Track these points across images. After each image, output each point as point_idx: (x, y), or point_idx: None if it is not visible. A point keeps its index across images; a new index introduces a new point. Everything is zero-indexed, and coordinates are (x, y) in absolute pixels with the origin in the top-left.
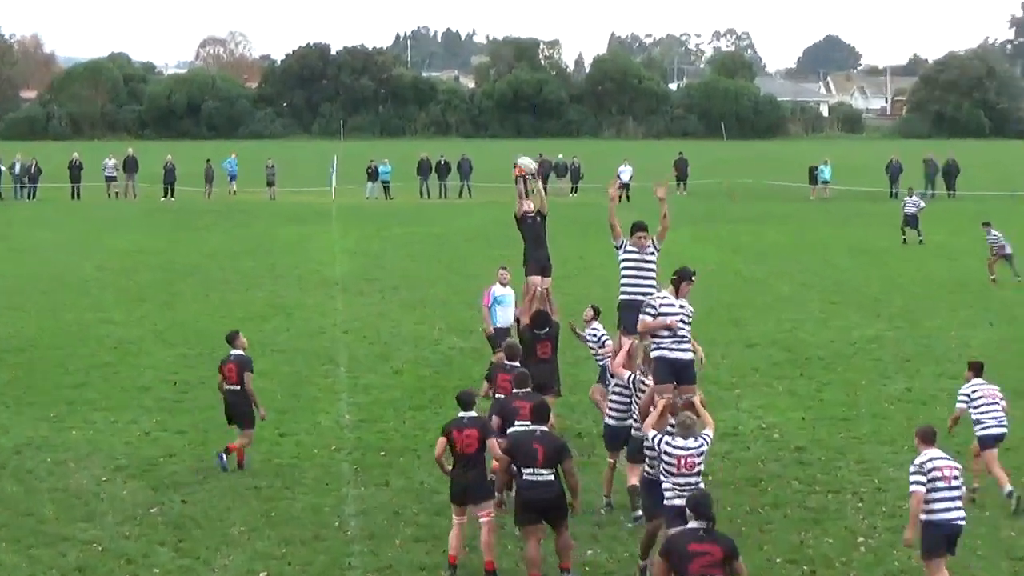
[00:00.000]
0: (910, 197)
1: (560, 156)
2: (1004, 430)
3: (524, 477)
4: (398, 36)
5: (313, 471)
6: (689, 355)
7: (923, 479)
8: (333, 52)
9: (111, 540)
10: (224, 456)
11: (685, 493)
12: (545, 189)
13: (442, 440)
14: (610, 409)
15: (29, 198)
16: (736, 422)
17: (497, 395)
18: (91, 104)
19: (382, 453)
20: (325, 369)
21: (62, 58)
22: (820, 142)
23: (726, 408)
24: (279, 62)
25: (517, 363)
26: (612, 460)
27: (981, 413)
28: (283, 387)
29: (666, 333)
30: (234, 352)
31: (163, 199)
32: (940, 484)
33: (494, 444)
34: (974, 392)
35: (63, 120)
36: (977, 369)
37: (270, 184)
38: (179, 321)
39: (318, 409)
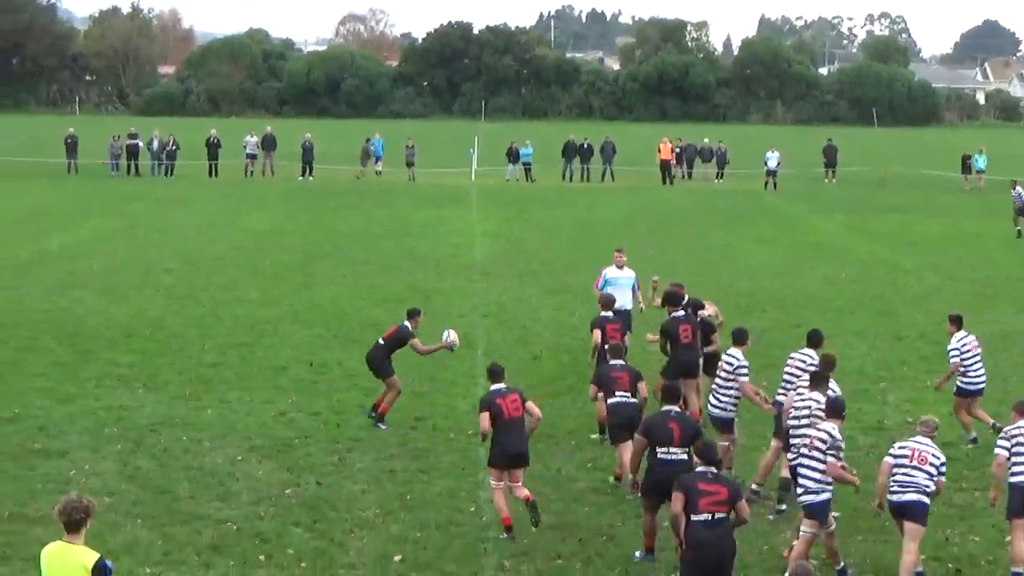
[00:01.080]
0: (1013, 189)
1: (706, 141)
2: (984, 384)
3: (658, 456)
4: (541, 15)
5: (449, 456)
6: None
7: (1007, 444)
8: (475, 31)
9: (246, 519)
10: (374, 416)
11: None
12: (690, 174)
13: (485, 414)
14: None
15: (167, 175)
16: (882, 415)
17: (607, 345)
18: (229, 80)
19: None
20: (463, 353)
21: (200, 34)
22: (975, 130)
23: (871, 401)
24: (420, 40)
25: (611, 314)
26: (777, 445)
27: (968, 366)
28: (420, 371)
29: None
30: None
31: (301, 178)
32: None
33: (533, 406)
34: (963, 346)
35: (201, 96)
36: (958, 322)
37: (409, 165)
38: (315, 302)
39: (455, 393)
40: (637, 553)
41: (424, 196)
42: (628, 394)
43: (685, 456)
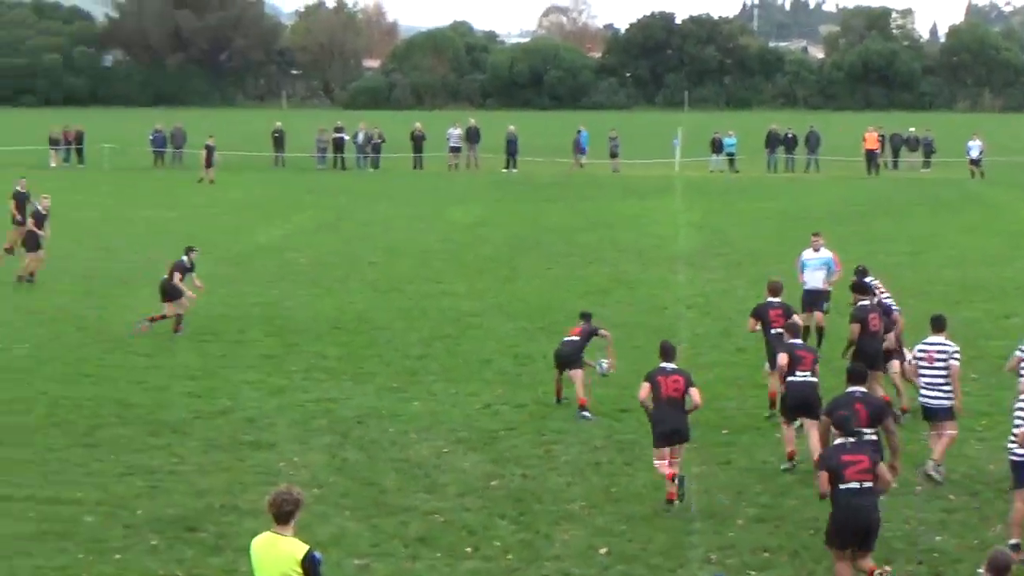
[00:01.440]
0: None
1: (912, 130)
2: None
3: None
4: (744, 5)
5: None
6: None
7: None
8: (678, 21)
9: (452, 511)
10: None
11: None
12: (895, 163)
13: (646, 385)
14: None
15: (372, 168)
16: None
17: (772, 329)
18: (433, 74)
19: (724, 431)
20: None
21: (404, 27)
22: None
23: None
24: (622, 31)
25: (778, 299)
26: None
27: None
28: (628, 363)
29: None
30: None
31: (504, 170)
32: None
33: (696, 392)
34: None
35: (405, 89)
36: None
37: (613, 156)
38: (520, 295)
39: None
40: None
41: (627, 187)
42: (809, 373)
43: (875, 436)
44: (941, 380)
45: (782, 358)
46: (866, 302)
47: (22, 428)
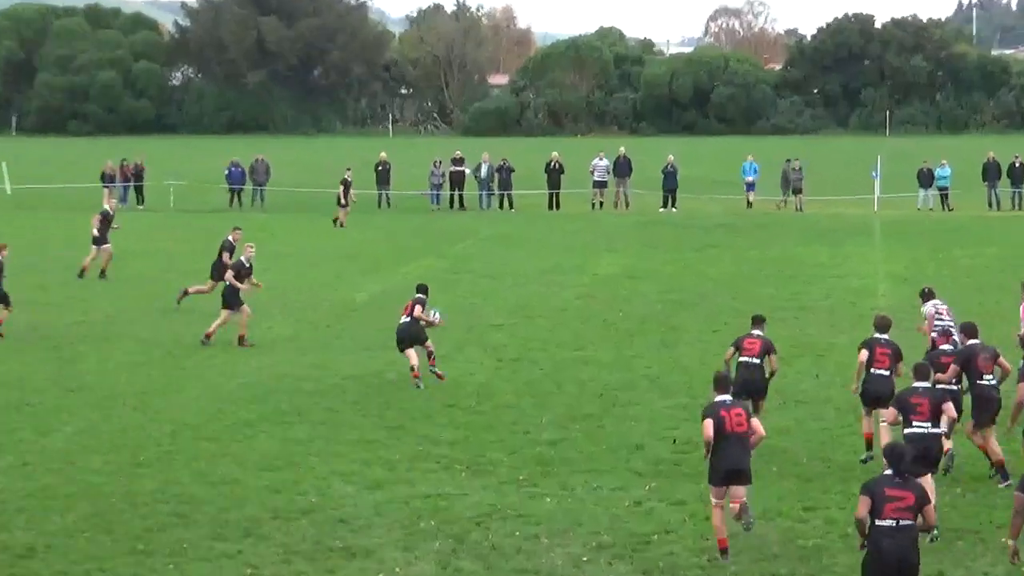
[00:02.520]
0: None
1: None
2: None
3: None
4: (960, 5)
5: (846, 555)
6: None
7: None
8: (878, 25)
9: None
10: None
11: None
12: None
13: (709, 421)
14: None
15: (500, 208)
16: None
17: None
18: (574, 92)
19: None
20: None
21: (540, 35)
22: None
23: None
24: (808, 38)
25: (883, 336)
26: None
27: None
28: (808, 447)
29: None
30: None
31: (662, 209)
32: None
33: (758, 423)
34: None
35: (540, 111)
36: None
37: (796, 192)
38: (679, 363)
39: (851, 477)
40: None
41: (813, 229)
42: (928, 425)
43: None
44: None
45: (891, 413)
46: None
47: (60, 531)
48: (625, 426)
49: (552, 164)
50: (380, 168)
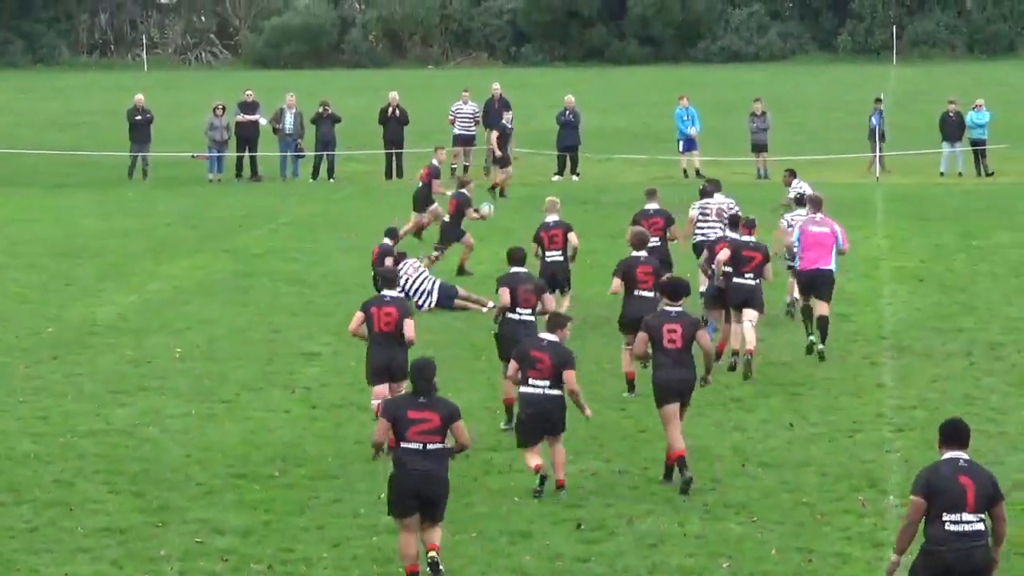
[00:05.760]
0: None
1: None
2: None
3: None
4: None
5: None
6: None
7: None
8: None
9: None
10: None
11: None
12: None
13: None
14: None
15: (313, 176)
16: None
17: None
18: (420, 3)
19: None
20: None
21: None
22: None
23: None
24: None
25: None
26: None
27: None
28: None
29: None
30: None
31: (557, 177)
32: None
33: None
34: None
35: (370, 29)
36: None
37: (756, 149)
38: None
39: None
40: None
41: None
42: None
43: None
44: None
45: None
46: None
47: None
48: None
49: (390, 110)
50: (137, 119)
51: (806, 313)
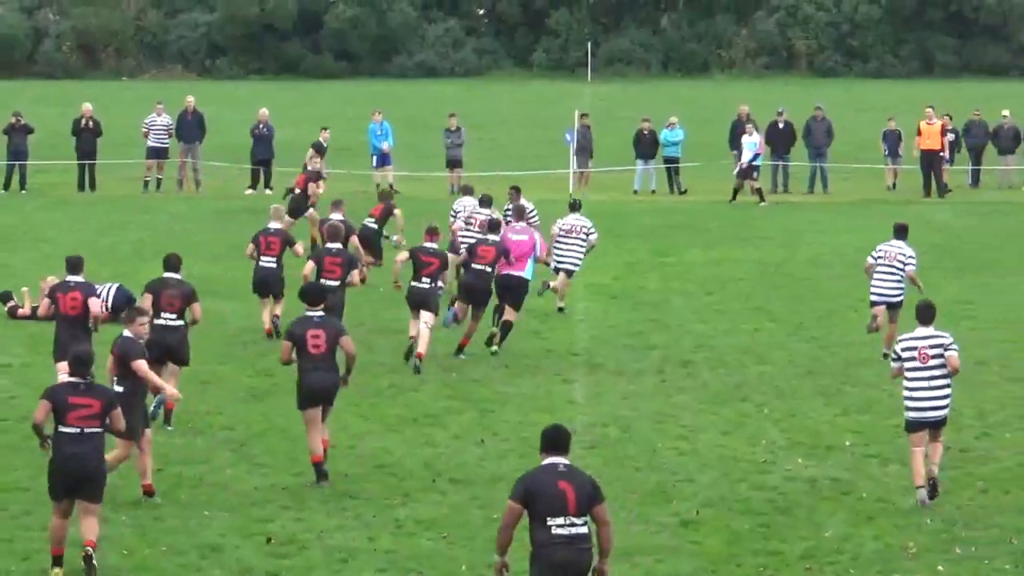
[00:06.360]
0: None
1: (1005, 115)
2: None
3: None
4: None
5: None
6: None
7: None
8: None
9: None
10: None
11: None
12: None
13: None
14: None
15: (4, 188)
16: None
17: None
18: (116, 11)
19: None
20: None
21: None
22: None
23: None
24: None
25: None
26: None
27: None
28: None
29: None
30: None
31: (250, 191)
32: None
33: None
34: None
35: (64, 40)
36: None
37: (452, 165)
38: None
39: None
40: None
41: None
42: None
43: None
44: None
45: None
46: None
47: None
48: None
49: (83, 121)
50: None
51: (500, 312)
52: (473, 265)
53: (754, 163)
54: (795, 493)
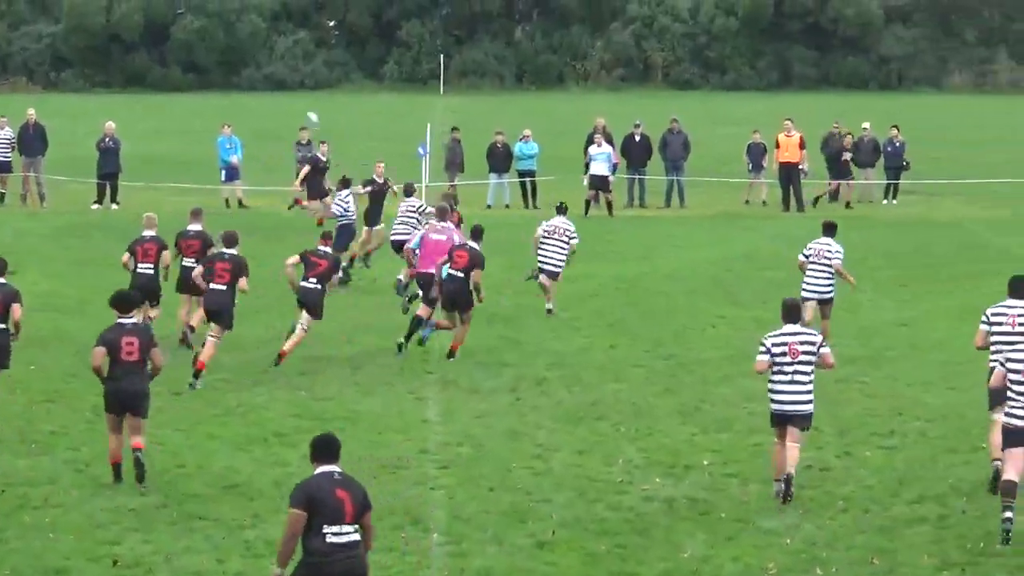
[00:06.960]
0: None
1: (866, 128)
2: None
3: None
4: None
5: None
6: None
7: None
8: None
9: None
10: None
11: None
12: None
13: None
14: None
15: None
16: None
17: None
18: None
19: None
20: None
21: None
22: None
23: None
24: None
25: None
26: None
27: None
28: None
29: None
30: None
31: (96, 206)
32: None
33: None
34: None
35: None
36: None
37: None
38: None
39: None
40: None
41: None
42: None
43: None
44: None
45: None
46: None
47: None
48: None
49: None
50: None
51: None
52: (449, 271)
53: (609, 176)
54: (653, 513)
